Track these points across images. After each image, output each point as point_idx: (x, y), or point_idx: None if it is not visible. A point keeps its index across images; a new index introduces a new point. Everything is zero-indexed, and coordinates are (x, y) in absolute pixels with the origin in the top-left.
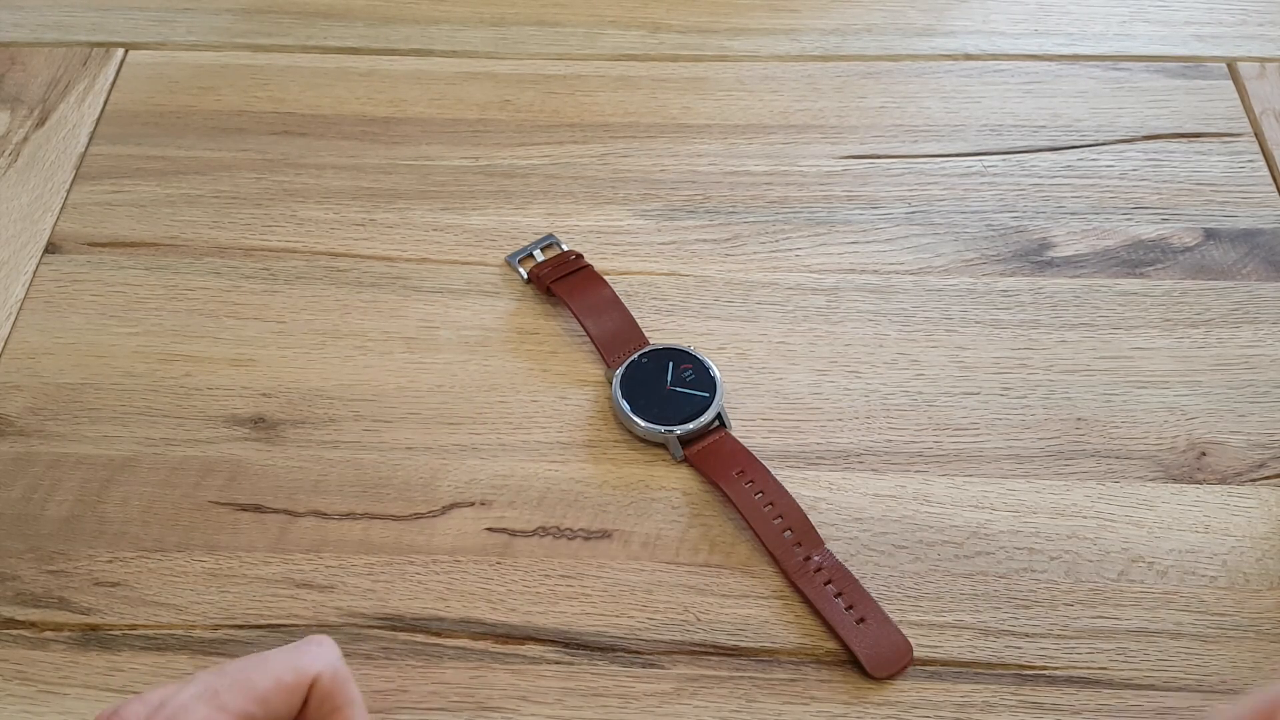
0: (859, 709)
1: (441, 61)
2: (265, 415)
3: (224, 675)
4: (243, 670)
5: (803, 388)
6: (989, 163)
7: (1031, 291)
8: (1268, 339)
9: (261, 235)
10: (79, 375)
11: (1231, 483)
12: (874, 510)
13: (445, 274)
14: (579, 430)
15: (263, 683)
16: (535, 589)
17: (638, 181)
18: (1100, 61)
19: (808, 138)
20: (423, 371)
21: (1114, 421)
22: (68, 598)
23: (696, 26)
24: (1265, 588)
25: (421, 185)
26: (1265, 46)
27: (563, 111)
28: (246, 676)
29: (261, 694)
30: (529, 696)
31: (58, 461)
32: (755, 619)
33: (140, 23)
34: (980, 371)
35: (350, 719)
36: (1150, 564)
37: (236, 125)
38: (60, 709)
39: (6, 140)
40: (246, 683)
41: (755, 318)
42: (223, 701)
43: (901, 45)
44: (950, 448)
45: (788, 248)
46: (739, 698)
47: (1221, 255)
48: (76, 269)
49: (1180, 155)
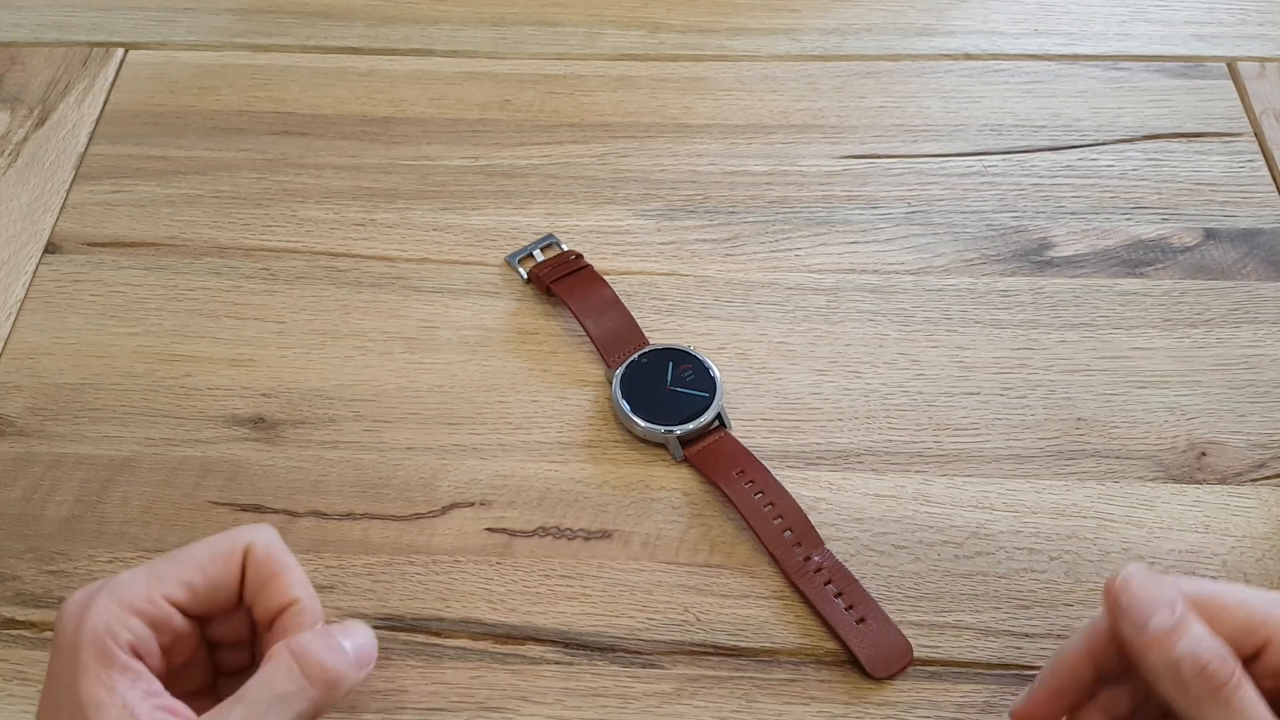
0: (859, 709)
1: (441, 61)
2: (265, 415)
3: (162, 556)
4: (179, 549)
5: (803, 388)
6: (989, 163)
7: (1031, 291)
8: (1268, 339)
9: (261, 235)
10: (79, 375)
11: (1231, 483)
12: (874, 510)
13: (445, 274)
14: (579, 430)
15: (198, 552)
16: (535, 589)
17: (638, 181)
18: (1100, 61)
19: (808, 138)
20: (423, 371)
21: (1114, 421)
22: (68, 598)
23: (696, 26)
24: (1265, 588)
25: (421, 185)
26: (1265, 46)
27: (563, 111)
28: (182, 551)
29: (198, 563)
30: (529, 696)
31: (58, 461)
32: (755, 619)
33: (140, 23)
34: (980, 371)
35: (288, 584)
36: (1150, 564)
37: (236, 125)
38: None
39: (6, 140)
40: (182, 555)
41: (755, 318)
42: (160, 573)
43: (901, 45)
44: (950, 448)
45: (788, 248)
46: (739, 698)
47: (1221, 255)
48: (76, 269)
49: (1180, 155)
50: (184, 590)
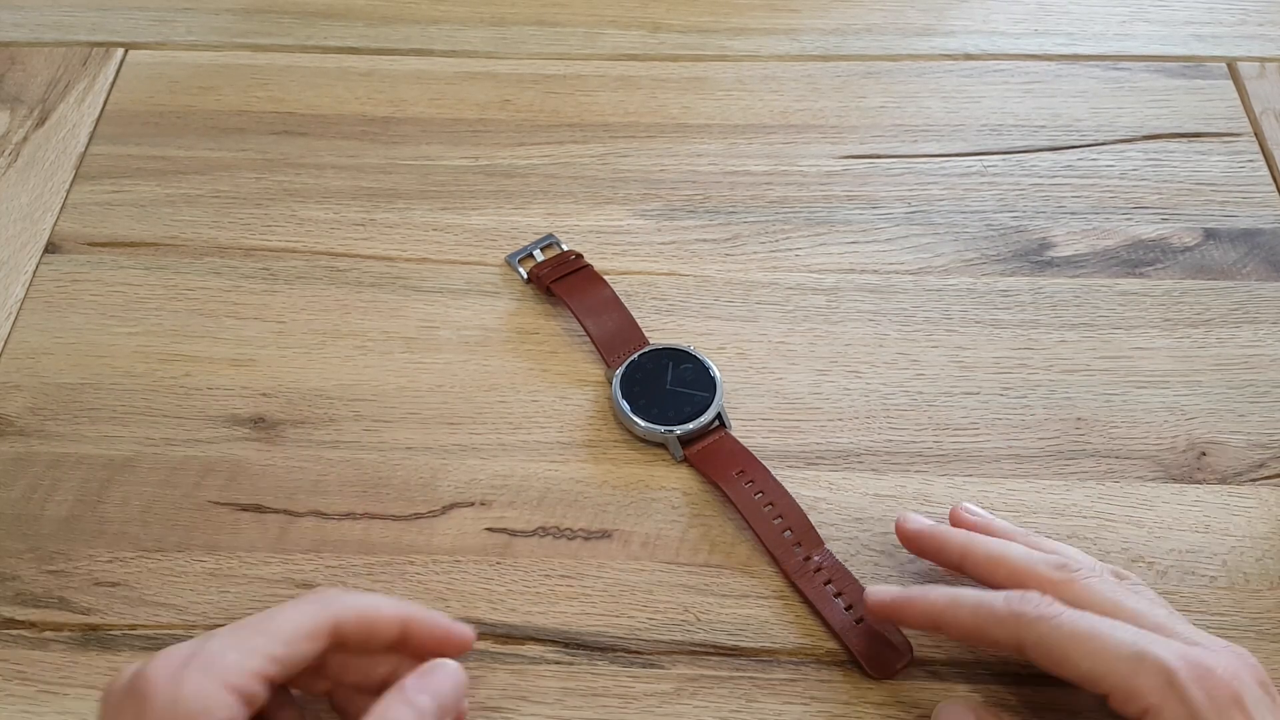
0: (859, 709)
1: (441, 61)
2: (265, 415)
3: (248, 622)
4: (266, 616)
5: (803, 388)
6: (989, 163)
7: (1031, 291)
8: (1268, 339)
9: (261, 235)
10: (79, 375)
11: (1231, 483)
12: (874, 510)
13: (445, 274)
14: (579, 430)
15: (285, 626)
16: (535, 589)
17: (638, 181)
18: (1100, 61)
19: (808, 138)
20: (423, 371)
21: (1114, 421)
22: (68, 598)
23: (696, 26)
24: (1265, 588)
25: (421, 185)
26: (1265, 46)
27: (563, 111)
28: (271, 619)
29: (286, 637)
30: (529, 696)
31: (58, 461)
32: (755, 619)
33: (140, 23)
34: (980, 371)
35: (376, 663)
36: (1150, 564)
37: (236, 125)
38: (60, 709)
39: (6, 140)
40: (271, 625)
41: (755, 318)
42: (250, 645)
43: (901, 45)
44: (950, 448)
45: (788, 248)
46: (739, 698)
47: (1221, 255)
48: (76, 269)
49: (1180, 155)
50: (273, 664)
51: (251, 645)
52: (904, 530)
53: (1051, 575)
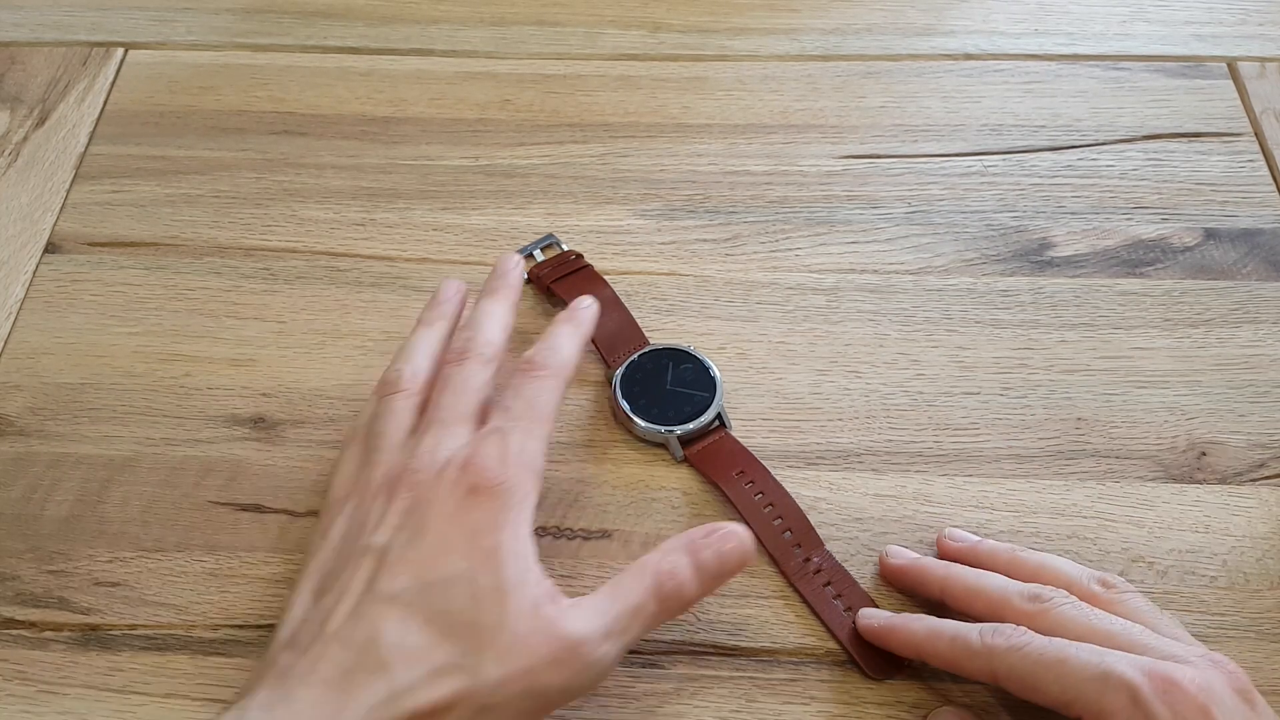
0: (859, 709)
1: (441, 61)
2: (265, 415)
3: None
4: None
5: (803, 388)
6: (989, 163)
7: (1031, 291)
8: (1268, 339)
9: (261, 235)
10: (79, 375)
11: (1231, 483)
12: (874, 510)
13: (445, 274)
14: (579, 430)
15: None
16: None
17: (638, 181)
18: (1100, 61)
19: (808, 137)
20: None
21: (1114, 421)
22: (68, 598)
23: (696, 26)
24: (1265, 588)
25: (421, 185)
26: (1265, 46)
27: (563, 111)
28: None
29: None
30: None
31: (58, 461)
32: (755, 619)
33: (140, 22)
34: (980, 371)
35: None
36: (1150, 564)
37: (236, 125)
38: (60, 709)
39: (6, 140)
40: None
41: (755, 318)
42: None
43: (901, 45)
44: (950, 448)
45: (788, 248)
46: (739, 698)
47: (1221, 255)
48: (76, 269)
49: (1180, 155)
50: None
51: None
52: (886, 566)
53: (1025, 607)
